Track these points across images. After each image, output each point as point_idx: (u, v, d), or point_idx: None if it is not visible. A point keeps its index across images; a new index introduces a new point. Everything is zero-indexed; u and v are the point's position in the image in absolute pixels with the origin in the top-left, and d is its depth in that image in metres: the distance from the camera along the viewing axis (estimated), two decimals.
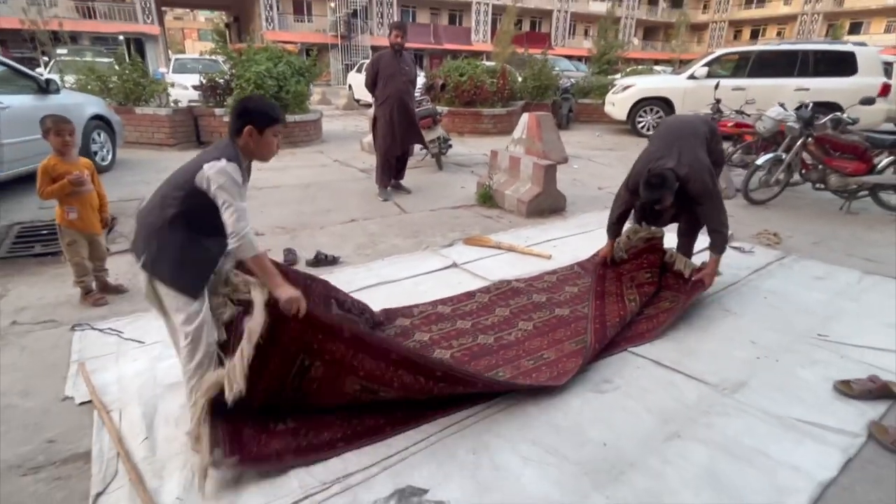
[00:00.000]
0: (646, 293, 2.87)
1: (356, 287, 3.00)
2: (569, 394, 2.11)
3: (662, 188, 2.60)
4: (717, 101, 7.18)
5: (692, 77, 9.38)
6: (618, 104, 10.23)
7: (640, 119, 10.08)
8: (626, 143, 9.22)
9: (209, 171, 1.62)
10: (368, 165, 6.52)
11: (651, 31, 41.43)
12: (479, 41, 32.60)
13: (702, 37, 41.63)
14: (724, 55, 9.97)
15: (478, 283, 3.16)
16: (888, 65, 9.24)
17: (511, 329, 2.61)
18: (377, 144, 5.30)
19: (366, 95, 8.31)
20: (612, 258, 3.13)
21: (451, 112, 9.59)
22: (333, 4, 29.35)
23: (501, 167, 5.24)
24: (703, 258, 2.97)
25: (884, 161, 4.61)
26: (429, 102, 6.79)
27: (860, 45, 8.89)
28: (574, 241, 3.97)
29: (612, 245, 3.12)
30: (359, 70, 15.68)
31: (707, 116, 5.75)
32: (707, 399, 2.11)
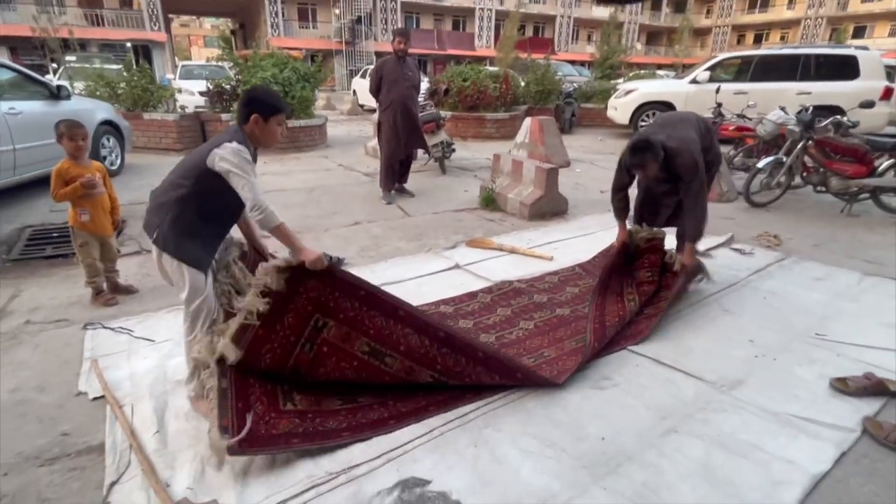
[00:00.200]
0: (645, 293, 2.91)
1: None
2: (568, 390, 2.16)
3: (646, 152, 2.66)
4: (719, 105, 7.23)
5: (694, 81, 9.41)
6: (620, 109, 10.28)
7: (643, 123, 10.11)
8: None
9: (222, 152, 1.73)
10: (372, 169, 6.60)
11: (654, 36, 41.54)
12: (483, 46, 32.80)
13: (705, 41, 41.65)
14: (727, 59, 10.01)
15: (480, 284, 3.21)
16: (891, 68, 9.26)
17: (512, 328, 2.66)
18: (381, 149, 5.37)
19: (370, 100, 8.39)
20: (629, 247, 3.04)
21: (455, 117, 9.66)
22: (338, 11, 29.64)
23: (504, 171, 5.29)
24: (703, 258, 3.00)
25: (884, 164, 4.63)
26: (432, 107, 6.85)
27: (862, 49, 8.91)
28: (575, 244, 4.01)
29: (625, 230, 3.05)
30: (363, 75, 15.83)
31: (708, 120, 5.79)
32: (704, 396, 2.14)
